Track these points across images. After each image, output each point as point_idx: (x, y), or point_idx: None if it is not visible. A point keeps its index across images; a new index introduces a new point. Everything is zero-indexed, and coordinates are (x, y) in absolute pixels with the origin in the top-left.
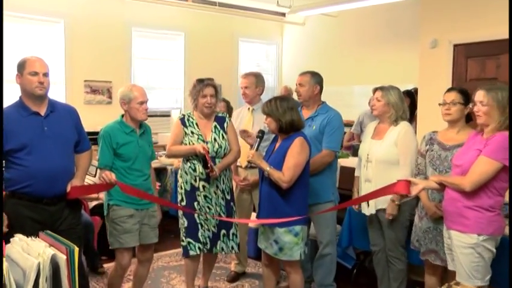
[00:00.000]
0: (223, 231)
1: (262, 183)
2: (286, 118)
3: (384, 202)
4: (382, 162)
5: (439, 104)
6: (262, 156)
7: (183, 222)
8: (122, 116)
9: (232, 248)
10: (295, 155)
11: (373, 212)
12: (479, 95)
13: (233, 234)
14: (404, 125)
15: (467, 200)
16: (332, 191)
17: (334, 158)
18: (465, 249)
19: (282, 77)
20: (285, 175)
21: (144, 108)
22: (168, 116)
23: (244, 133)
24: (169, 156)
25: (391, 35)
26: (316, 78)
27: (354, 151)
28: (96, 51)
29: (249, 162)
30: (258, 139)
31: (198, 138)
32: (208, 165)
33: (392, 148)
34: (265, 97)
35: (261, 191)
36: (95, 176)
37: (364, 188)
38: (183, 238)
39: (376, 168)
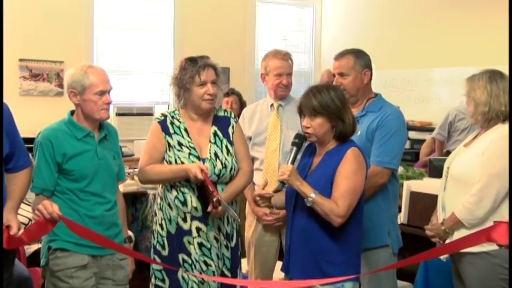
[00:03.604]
0: None
1: (295, 216)
2: (349, 115)
3: None
4: (459, 181)
5: None
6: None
7: (161, 279)
8: (72, 113)
9: None
10: (351, 174)
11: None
12: None
13: None
14: (502, 128)
15: None
16: (388, 230)
17: (391, 179)
18: None
19: (321, 56)
20: (339, 205)
21: (105, 101)
22: (150, 114)
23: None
24: (144, 181)
25: None
26: (363, 60)
27: (432, 168)
28: (39, 16)
29: (282, 183)
30: (295, 148)
31: (189, 154)
32: (214, 199)
33: (478, 161)
34: (296, 87)
35: (291, 226)
36: None
37: (441, 218)
38: None
39: (452, 190)
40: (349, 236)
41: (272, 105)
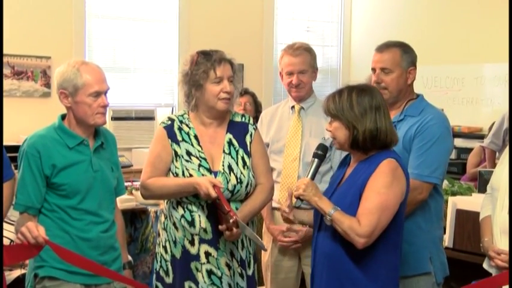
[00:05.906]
0: None
1: (318, 237)
2: (367, 125)
3: None
4: None
5: None
6: (319, 189)
7: None
8: (62, 117)
9: None
10: (384, 189)
11: None
12: None
13: None
14: None
15: None
16: (430, 255)
17: (434, 195)
18: None
19: (351, 50)
20: (361, 224)
21: (101, 104)
22: (151, 118)
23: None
24: (146, 196)
25: None
26: (410, 56)
27: (482, 182)
28: (22, 5)
29: (298, 199)
30: (316, 160)
31: (199, 166)
32: (231, 220)
33: None
34: (321, 85)
35: (315, 250)
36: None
37: (503, 245)
38: None
39: None
40: (382, 264)
41: (293, 107)
